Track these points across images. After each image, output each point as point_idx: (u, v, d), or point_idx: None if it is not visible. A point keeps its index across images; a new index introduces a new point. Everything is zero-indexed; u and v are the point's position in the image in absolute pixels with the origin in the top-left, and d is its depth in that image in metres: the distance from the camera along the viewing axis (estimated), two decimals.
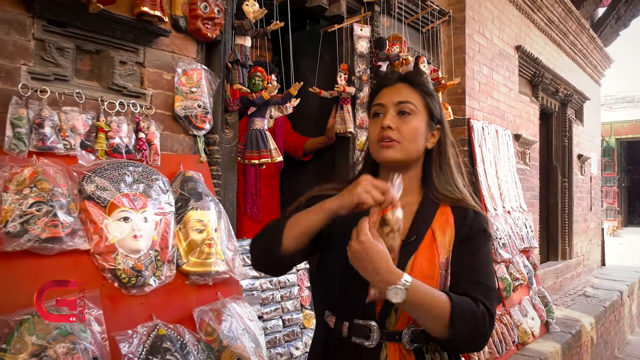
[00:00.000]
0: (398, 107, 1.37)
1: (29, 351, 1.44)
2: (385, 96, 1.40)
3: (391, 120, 1.35)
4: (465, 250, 1.32)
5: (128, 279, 1.79)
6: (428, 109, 1.40)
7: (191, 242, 2.03)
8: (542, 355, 3.93)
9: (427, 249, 1.31)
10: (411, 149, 1.36)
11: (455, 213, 1.37)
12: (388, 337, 1.29)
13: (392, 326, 1.30)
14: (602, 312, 5.68)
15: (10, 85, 1.74)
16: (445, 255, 1.31)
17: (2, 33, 1.73)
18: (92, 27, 1.95)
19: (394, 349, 1.28)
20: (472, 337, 1.23)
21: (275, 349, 2.45)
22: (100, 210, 1.80)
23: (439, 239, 1.32)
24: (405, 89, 1.40)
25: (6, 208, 1.60)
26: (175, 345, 1.75)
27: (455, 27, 4.42)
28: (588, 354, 5.14)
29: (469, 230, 1.34)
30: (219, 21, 2.33)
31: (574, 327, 4.77)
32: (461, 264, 1.31)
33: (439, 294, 1.21)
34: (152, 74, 2.18)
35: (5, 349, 1.42)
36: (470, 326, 1.20)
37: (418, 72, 1.48)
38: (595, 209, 8.44)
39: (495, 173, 4.55)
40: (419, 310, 1.20)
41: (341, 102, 3.30)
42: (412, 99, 1.38)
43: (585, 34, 7.12)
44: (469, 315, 1.20)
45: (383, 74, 1.45)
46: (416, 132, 1.36)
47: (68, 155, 1.83)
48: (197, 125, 2.28)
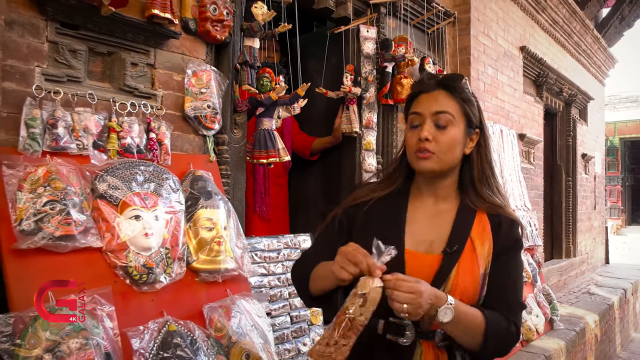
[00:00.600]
0: (435, 117, 1.33)
1: (43, 346, 1.45)
2: (423, 104, 1.36)
3: (429, 132, 1.32)
4: (502, 265, 1.34)
5: (139, 276, 1.80)
6: (466, 116, 1.36)
7: (201, 240, 2.03)
8: (546, 352, 3.90)
9: (468, 261, 1.31)
10: (447, 159, 1.35)
11: (492, 221, 1.36)
12: (422, 335, 1.30)
13: (426, 325, 1.31)
14: (606, 310, 5.64)
15: (24, 87, 1.75)
16: (484, 266, 1.31)
17: (16, 35, 1.74)
18: (104, 30, 1.96)
19: (427, 347, 1.30)
20: (499, 351, 1.31)
21: (283, 345, 2.45)
22: (112, 208, 1.80)
23: (479, 249, 1.32)
24: (442, 97, 1.35)
25: (21, 207, 1.61)
26: (186, 340, 1.76)
27: (461, 28, 4.40)
28: (592, 351, 5.11)
29: (504, 241, 1.35)
30: (228, 23, 2.34)
31: (578, 325, 4.74)
32: (497, 279, 1.33)
33: (476, 313, 1.26)
34: (162, 75, 2.19)
35: (20, 344, 1.43)
36: (501, 344, 1.29)
37: (457, 77, 1.43)
38: (599, 207, 8.39)
39: (500, 172, 4.52)
40: (459, 327, 1.25)
41: (347, 103, 3.29)
42: (449, 109, 1.34)
43: (590, 35, 7.07)
44: (501, 335, 1.28)
45: (422, 79, 1.40)
46: (453, 143, 1.34)
47: (81, 155, 1.84)
48: (206, 126, 2.29)
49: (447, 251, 1.31)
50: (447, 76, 1.41)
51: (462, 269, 1.30)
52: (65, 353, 1.47)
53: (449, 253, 1.31)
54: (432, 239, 1.35)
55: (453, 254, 1.31)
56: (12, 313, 1.47)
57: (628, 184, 19.75)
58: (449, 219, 1.37)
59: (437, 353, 1.31)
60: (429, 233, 1.36)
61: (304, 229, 3.60)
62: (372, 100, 3.39)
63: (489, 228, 1.35)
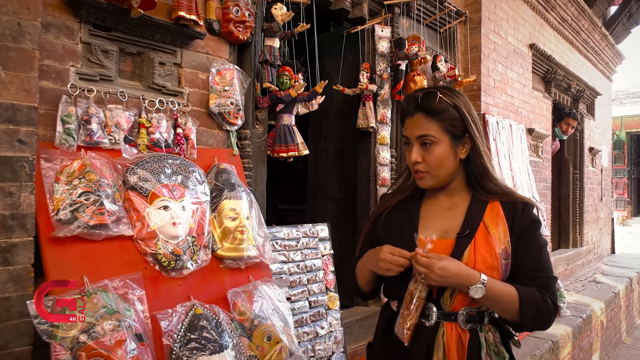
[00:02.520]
0: (420, 140, 1.38)
1: (79, 328, 1.47)
2: (408, 128, 1.42)
3: (417, 154, 1.38)
4: (523, 245, 1.35)
5: (168, 263, 1.81)
6: (448, 132, 1.37)
7: (225, 229, 2.04)
8: (553, 338, 3.86)
9: (484, 240, 1.33)
10: (440, 174, 1.39)
11: (505, 207, 1.38)
12: (445, 317, 1.33)
13: (448, 307, 1.34)
14: (611, 298, 5.55)
15: (60, 85, 1.77)
16: (502, 246, 1.33)
17: (52, 37, 1.75)
18: (133, 31, 1.97)
19: (450, 328, 1.32)
20: (539, 323, 1.33)
21: (302, 328, 2.46)
22: (142, 199, 1.82)
23: (492, 231, 1.34)
24: (422, 120, 1.38)
25: (58, 197, 1.63)
26: (211, 323, 1.77)
27: (472, 27, 4.34)
28: (598, 337, 5.04)
29: (520, 222, 1.36)
30: (249, 24, 2.33)
31: (584, 312, 4.67)
32: (522, 259, 1.35)
33: (509, 289, 1.29)
34: (188, 74, 2.20)
35: (58, 325, 1.45)
36: (538, 316, 1.30)
37: (432, 95, 1.42)
38: (605, 199, 8.24)
39: (509, 165, 4.47)
40: (494, 302, 1.29)
41: (363, 99, 3.28)
42: (429, 131, 1.36)
43: (598, 32, 6.92)
44: (537, 307, 1.30)
45: (404, 103, 1.43)
46: (440, 159, 1.37)
47: (113, 149, 1.86)
48: (230, 121, 2.29)
49: (460, 235, 1.34)
50: (423, 96, 1.39)
51: (478, 246, 1.32)
52: (100, 334, 1.49)
53: (462, 236, 1.34)
54: (447, 228, 1.39)
55: (466, 237, 1.33)
56: (50, 296, 1.49)
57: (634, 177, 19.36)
58: (462, 210, 1.41)
59: (459, 334, 1.32)
60: (443, 223, 1.40)
61: (322, 218, 3.61)
62: (387, 97, 3.37)
63: (502, 213, 1.37)
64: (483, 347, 1.32)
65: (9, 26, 1.50)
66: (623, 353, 5.93)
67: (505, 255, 1.32)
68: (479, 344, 1.32)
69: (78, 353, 1.44)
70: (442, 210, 1.43)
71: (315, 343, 2.50)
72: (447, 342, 1.31)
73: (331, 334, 2.58)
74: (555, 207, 6.54)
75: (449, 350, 1.30)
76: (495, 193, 1.40)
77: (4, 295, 1.48)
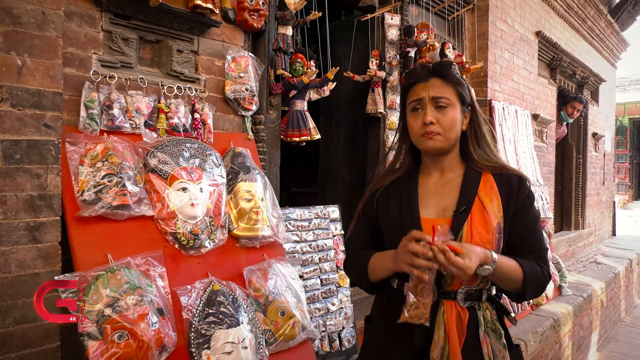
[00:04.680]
0: (434, 101, 1.35)
1: (104, 302, 1.50)
2: (421, 91, 1.37)
3: (431, 115, 1.34)
4: (521, 219, 1.34)
5: (187, 242, 1.83)
6: (460, 97, 1.37)
7: (241, 210, 2.05)
8: (555, 316, 3.85)
9: (480, 216, 1.31)
10: (451, 137, 1.36)
11: (498, 180, 1.36)
12: (444, 295, 1.31)
13: (447, 285, 1.31)
14: (612, 278, 5.51)
15: (83, 72, 1.78)
16: (497, 220, 1.31)
17: (75, 25, 1.75)
18: (152, 20, 1.96)
19: (450, 306, 1.30)
20: (536, 293, 1.34)
21: (314, 304, 2.48)
22: (162, 181, 1.83)
23: (488, 206, 1.32)
24: (438, 84, 1.36)
25: (82, 179, 1.65)
26: (228, 299, 1.79)
27: (479, 15, 4.25)
28: (598, 315, 5.02)
29: (517, 197, 1.35)
30: (263, 12, 2.31)
31: (585, 291, 4.65)
32: (520, 233, 1.35)
33: (513, 264, 1.28)
34: (205, 61, 2.19)
35: (85, 300, 1.47)
36: (537, 287, 1.32)
37: (446, 64, 1.41)
38: (607, 183, 8.13)
39: (514, 150, 4.42)
40: (500, 277, 1.28)
41: (373, 85, 3.25)
42: (446, 94, 1.35)
43: (603, 19, 6.75)
44: (537, 279, 1.31)
45: (415, 69, 1.41)
46: (453, 122, 1.35)
47: (134, 134, 1.87)
48: (245, 107, 2.29)
49: (457, 212, 1.32)
50: (438, 64, 1.41)
51: (474, 222, 1.30)
52: (123, 308, 1.51)
53: (459, 213, 1.31)
54: (444, 205, 1.37)
55: (462, 214, 1.31)
56: (76, 272, 1.52)
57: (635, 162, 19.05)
58: (456, 185, 1.38)
59: (459, 312, 1.30)
60: (440, 201, 1.38)
61: (332, 200, 3.61)
62: (396, 83, 3.33)
63: (496, 186, 1.35)
64: (481, 324, 1.31)
65: (33, 15, 1.50)
66: (622, 331, 5.91)
67: (498, 230, 1.31)
68: (477, 322, 1.31)
69: (103, 326, 1.47)
70: (438, 187, 1.40)
71: (327, 318, 2.52)
72: (447, 320, 1.29)
73: (341, 310, 2.60)
74: (558, 190, 6.46)
75: (450, 329, 1.28)
76: (489, 163, 1.38)
77: (33, 271, 1.51)
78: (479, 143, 1.41)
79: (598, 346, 5.15)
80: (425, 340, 1.29)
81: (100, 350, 1.44)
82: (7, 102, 1.45)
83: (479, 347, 1.29)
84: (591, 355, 4.90)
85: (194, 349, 1.65)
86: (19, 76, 1.47)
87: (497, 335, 1.32)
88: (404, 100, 1.44)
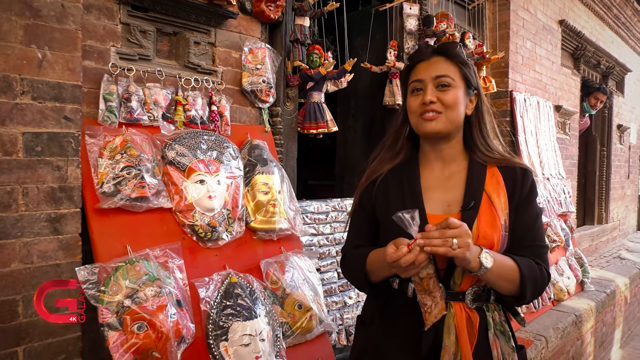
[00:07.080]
0: (437, 81, 1.28)
1: (123, 293, 1.52)
2: (422, 71, 1.31)
3: (432, 95, 1.26)
4: (521, 212, 1.28)
5: (204, 234, 1.85)
6: (465, 78, 1.30)
7: (258, 203, 2.06)
8: (576, 312, 3.80)
9: (488, 213, 1.25)
10: (453, 118, 1.28)
11: (504, 173, 1.30)
12: (452, 297, 1.24)
13: (456, 287, 1.25)
14: (636, 274, 5.40)
15: (102, 65, 1.80)
16: (504, 217, 1.25)
17: (93, 18, 1.77)
18: (169, 12, 1.96)
19: (459, 308, 1.24)
20: (535, 294, 1.26)
21: (331, 298, 2.48)
22: (180, 174, 1.85)
23: (496, 202, 1.26)
24: (441, 62, 1.30)
25: (102, 171, 1.67)
26: (245, 291, 1.80)
27: (500, 4, 4.18)
28: (621, 312, 4.94)
29: (520, 190, 1.29)
30: (280, 3, 2.30)
31: (608, 287, 4.57)
32: (519, 227, 1.27)
33: (510, 263, 1.20)
34: (222, 52, 2.19)
35: (104, 290, 1.50)
36: (536, 287, 1.24)
37: (452, 43, 1.36)
38: (632, 176, 7.96)
39: (535, 142, 4.35)
40: (495, 274, 1.17)
41: (390, 77, 3.22)
42: (449, 72, 1.28)
43: (630, 7, 6.58)
44: (536, 279, 1.23)
45: (418, 49, 1.35)
46: (456, 102, 1.27)
47: (152, 126, 1.88)
48: (262, 99, 2.29)
49: (465, 208, 1.25)
50: (443, 44, 1.35)
51: (483, 221, 1.23)
52: (142, 299, 1.54)
53: (467, 209, 1.24)
54: (449, 200, 1.29)
55: (471, 210, 1.24)
56: (96, 264, 1.54)
57: None
58: (461, 178, 1.31)
59: (468, 314, 1.24)
60: (445, 195, 1.31)
61: (349, 193, 3.60)
62: None
63: (502, 180, 1.29)
64: (490, 327, 1.26)
65: (53, 8, 1.52)
66: None
67: (505, 228, 1.25)
68: (486, 324, 1.26)
69: (123, 316, 1.49)
70: (441, 180, 1.33)
71: (344, 312, 2.52)
72: (458, 324, 1.22)
73: (359, 303, 2.60)
74: (581, 183, 6.36)
75: (460, 333, 1.21)
76: (494, 156, 1.32)
77: (54, 262, 1.53)
78: (482, 131, 1.34)
79: (621, 343, 5.07)
80: (433, 346, 1.22)
81: (120, 340, 1.47)
82: (28, 95, 1.48)
83: (489, 350, 1.24)
84: (614, 353, 4.83)
85: (211, 341, 1.67)
86: (40, 69, 1.50)
87: (506, 337, 1.28)
88: (406, 82, 1.36)
